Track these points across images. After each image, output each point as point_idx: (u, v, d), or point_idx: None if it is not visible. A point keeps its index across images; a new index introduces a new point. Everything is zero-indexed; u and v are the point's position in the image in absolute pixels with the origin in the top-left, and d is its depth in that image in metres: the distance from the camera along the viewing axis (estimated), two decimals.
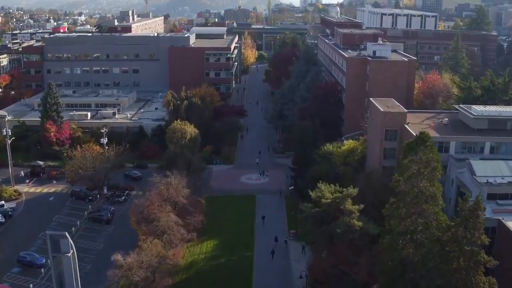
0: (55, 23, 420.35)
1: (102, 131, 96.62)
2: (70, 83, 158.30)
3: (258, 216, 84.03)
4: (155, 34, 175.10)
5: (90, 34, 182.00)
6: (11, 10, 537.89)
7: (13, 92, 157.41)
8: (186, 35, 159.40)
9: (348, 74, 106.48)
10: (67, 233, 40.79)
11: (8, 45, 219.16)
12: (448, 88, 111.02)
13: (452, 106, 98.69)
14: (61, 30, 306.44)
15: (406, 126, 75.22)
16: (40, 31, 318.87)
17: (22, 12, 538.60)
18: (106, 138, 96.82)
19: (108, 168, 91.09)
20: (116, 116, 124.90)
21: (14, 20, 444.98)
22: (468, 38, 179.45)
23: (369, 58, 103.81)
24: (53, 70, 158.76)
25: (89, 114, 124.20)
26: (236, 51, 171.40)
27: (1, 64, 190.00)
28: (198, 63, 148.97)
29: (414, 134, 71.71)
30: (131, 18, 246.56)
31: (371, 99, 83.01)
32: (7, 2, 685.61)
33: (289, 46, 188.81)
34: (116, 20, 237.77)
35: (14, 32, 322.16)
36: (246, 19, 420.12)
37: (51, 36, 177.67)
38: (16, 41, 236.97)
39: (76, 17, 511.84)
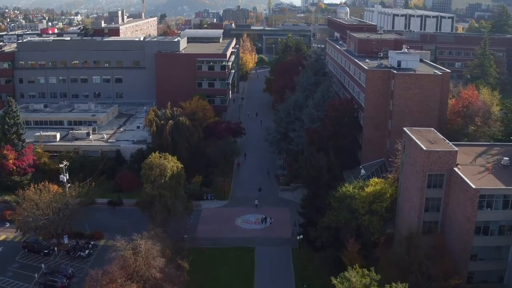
0: (50, 23, 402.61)
1: (61, 165, 76.88)
2: (45, 94, 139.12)
3: (258, 282, 64.64)
4: (141, 38, 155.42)
5: (68, 38, 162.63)
6: (7, 10, 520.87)
7: None
8: (175, 40, 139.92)
9: (368, 90, 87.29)
10: None
11: None
12: (487, 106, 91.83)
13: (500, 134, 79.89)
14: (50, 31, 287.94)
15: (456, 170, 56.12)
16: (28, 32, 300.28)
17: (18, 12, 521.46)
18: (67, 174, 77.13)
19: (68, 215, 71.65)
20: (90, 137, 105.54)
21: (8, 20, 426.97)
22: (492, 42, 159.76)
23: (394, 71, 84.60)
24: (25, 79, 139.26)
25: (58, 135, 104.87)
26: (233, 57, 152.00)
27: None
28: (189, 71, 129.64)
29: (469, 182, 52.88)
30: (120, 19, 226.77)
31: (406, 129, 63.71)
32: (6, 2, 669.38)
33: (293, 50, 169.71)
34: (103, 22, 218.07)
35: (0, 34, 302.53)
36: (246, 19, 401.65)
37: (24, 40, 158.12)
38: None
39: (73, 17, 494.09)
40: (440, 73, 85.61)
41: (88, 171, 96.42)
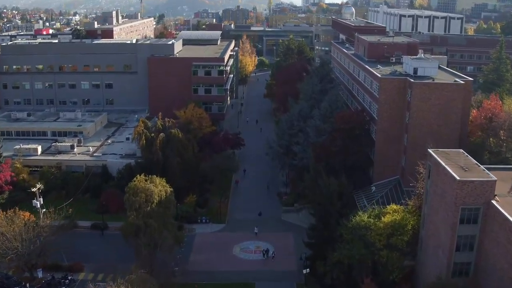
0: (48, 24, 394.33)
1: (33, 189, 67.55)
2: (31, 101, 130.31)
3: None
4: (134, 40, 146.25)
5: (56, 41, 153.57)
6: (5, 10, 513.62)
7: None
8: (169, 42, 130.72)
9: (381, 100, 78.16)
10: None
11: None
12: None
13: None
14: (44, 32, 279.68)
15: (495, 203, 47.02)
16: (22, 33, 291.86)
17: (16, 12, 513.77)
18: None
19: (40, 247, 62.47)
20: (75, 150, 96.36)
21: (5, 20, 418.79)
22: (506, 45, 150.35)
23: (411, 80, 75.53)
24: (10, 85, 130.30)
25: (39, 148, 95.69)
26: (231, 60, 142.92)
27: None
28: (184, 77, 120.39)
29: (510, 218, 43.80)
30: (114, 19, 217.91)
31: (431, 151, 54.59)
32: (5, 2, 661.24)
33: (295, 53, 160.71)
34: (96, 22, 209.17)
35: None
36: (246, 19, 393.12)
37: (9, 43, 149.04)
38: None
39: (71, 17, 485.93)
40: (462, 82, 76.53)
41: (71, 189, 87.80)
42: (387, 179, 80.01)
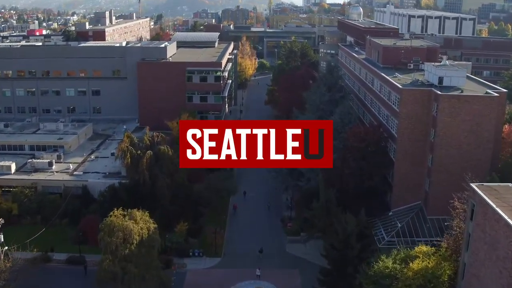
0: (44, 24, 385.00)
1: None
2: (12, 109, 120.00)
3: None
4: (123, 43, 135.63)
5: (40, 44, 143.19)
6: (3, 10, 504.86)
7: None
8: (162, 45, 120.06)
9: (402, 114, 67.78)
10: None
11: None
12: None
13: None
14: (37, 33, 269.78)
15: None
16: (15, 34, 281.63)
17: (13, 12, 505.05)
18: (2, 235, 57.10)
19: None
20: (54, 167, 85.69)
21: (2, 20, 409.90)
22: None
23: (438, 91, 65.04)
24: None
25: (13, 165, 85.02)
26: (230, 64, 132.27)
27: None
28: (177, 83, 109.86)
29: None
30: (107, 20, 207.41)
31: (474, 187, 43.89)
32: (5, 2, 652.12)
33: (298, 56, 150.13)
34: (87, 23, 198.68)
35: None
36: (246, 19, 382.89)
37: None
38: None
39: (69, 17, 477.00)
40: (496, 94, 66.03)
41: (47, 213, 77.27)
42: (407, 205, 70.00)
